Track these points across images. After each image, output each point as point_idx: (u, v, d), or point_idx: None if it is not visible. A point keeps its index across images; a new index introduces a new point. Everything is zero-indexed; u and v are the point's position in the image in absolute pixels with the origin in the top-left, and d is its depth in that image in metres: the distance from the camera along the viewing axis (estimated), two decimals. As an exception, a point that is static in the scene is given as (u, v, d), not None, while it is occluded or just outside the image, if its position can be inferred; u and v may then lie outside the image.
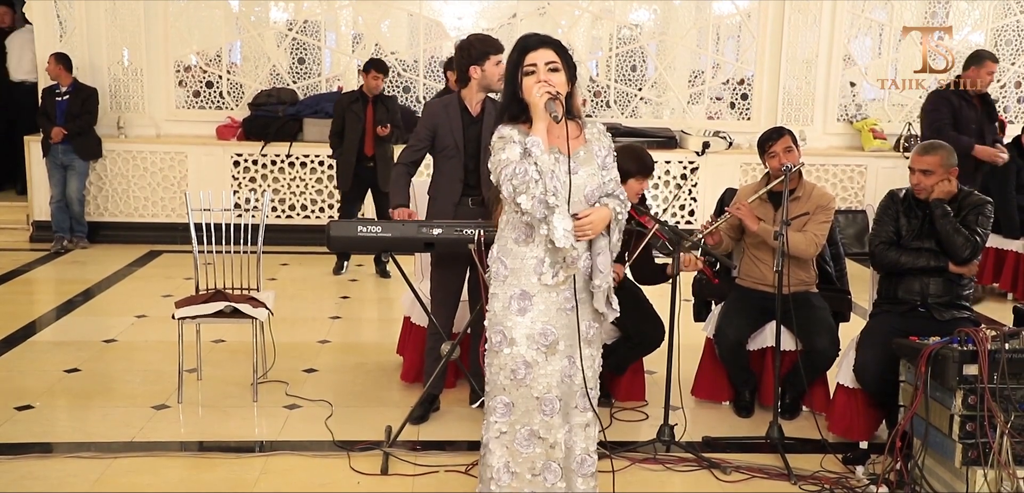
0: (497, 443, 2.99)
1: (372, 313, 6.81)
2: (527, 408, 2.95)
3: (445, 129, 4.36)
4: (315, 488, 3.79)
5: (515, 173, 2.80)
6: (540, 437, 2.97)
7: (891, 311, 4.23)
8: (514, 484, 3.00)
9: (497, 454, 2.99)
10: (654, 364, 4.91)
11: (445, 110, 4.40)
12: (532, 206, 2.79)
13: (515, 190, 2.81)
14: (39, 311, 6.43)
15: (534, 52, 2.90)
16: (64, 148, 8.21)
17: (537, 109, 2.83)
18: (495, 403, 2.98)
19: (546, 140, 2.84)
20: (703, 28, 9.56)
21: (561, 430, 2.99)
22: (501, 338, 2.95)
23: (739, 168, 9.00)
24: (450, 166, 4.38)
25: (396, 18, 9.41)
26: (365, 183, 7.46)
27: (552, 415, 2.96)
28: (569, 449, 3.02)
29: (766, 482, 3.92)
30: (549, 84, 2.85)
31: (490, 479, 3.01)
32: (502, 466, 2.99)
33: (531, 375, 2.93)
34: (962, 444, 3.45)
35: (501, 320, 2.95)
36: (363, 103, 7.31)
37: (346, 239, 4.17)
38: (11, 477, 3.79)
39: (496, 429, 2.98)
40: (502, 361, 2.95)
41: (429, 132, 4.40)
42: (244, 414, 4.57)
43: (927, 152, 4.17)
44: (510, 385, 2.94)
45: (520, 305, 2.93)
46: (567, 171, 2.86)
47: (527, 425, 2.95)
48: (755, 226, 4.52)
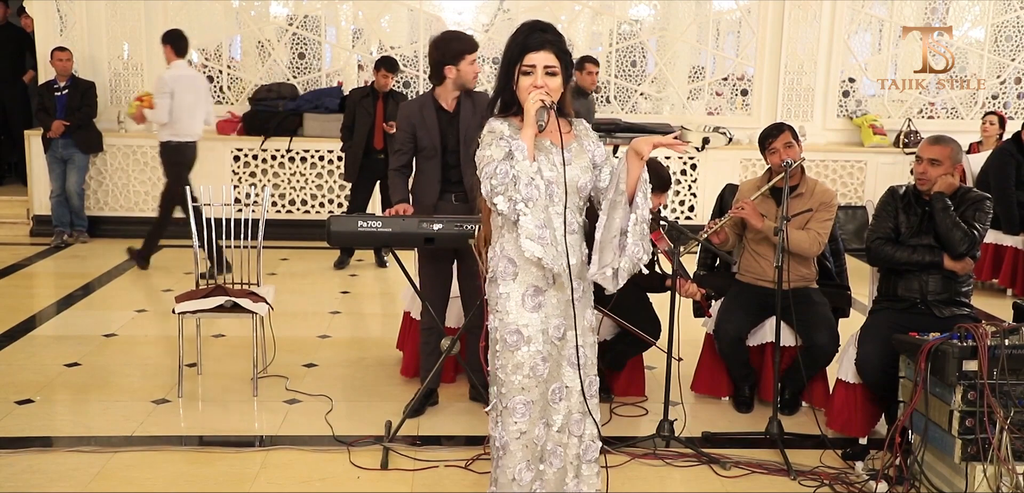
0: (517, 444, 2.96)
1: (372, 308, 6.82)
2: (545, 403, 2.96)
3: (422, 130, 4.38)
4: (315, 483, 3.80)
5: (495, 172, 2.81)
6: (548, 425, 2.99)
7: (891, 308, 4.23)
8: (531, 476, 3.00)
9: (517, 455, 2.97)
10: (654, 360, 4.92)
11: (420, 111, 4.41)
12: (508, 208, 2.80)
13: (492, 189, 2.82)
14: (39, 305, 6.43)
15: (535, 53, 2.87)
16: (64, 142, 8.22)
17: (528, 115, 2.83)
18: (514, 404, 2.94)
19: (532, 147, 2.83)
20: (703, 24, 9.56)
21: (571, 419, 3.03)
22: (518, 337, 2.92)
23: (739, 164, 9.01)
24: (430, 166, 4.41)
25: (396, 13, 9.41)
26: (375, 175, 7.58)
27: (560, 401, 3.00)
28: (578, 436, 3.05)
29: (765, 477, 3.92)
30: (544, 90, 2.84)
31: (511, 480, 2.98)
32: (525, 466, 2.98)
33: (548, 369, 2.94)
34: (961, 440, 3.45)
35: (516, 320, 2.92)
36: (373, 98, 7.52)
37: (347, 234, 4.18)
38: (11, 471, 3.79)
39: (516, 430, 2.95)
40: (519, 360, 2.92)
41: (409, 135, 4.43)
42: (244, 409, 4.57)
43: (937, 143, 4.18)
44: (530, 384, 2.92)
45: (534, 302, 2.93)
46: (561, 162, 2.86)
47: (542, 418, 2.97)
48: (760, 223, 4.52)
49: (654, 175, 4.26)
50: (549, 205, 2.87)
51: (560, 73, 2.89)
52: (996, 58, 9.54)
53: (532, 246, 2.78)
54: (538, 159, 2.87)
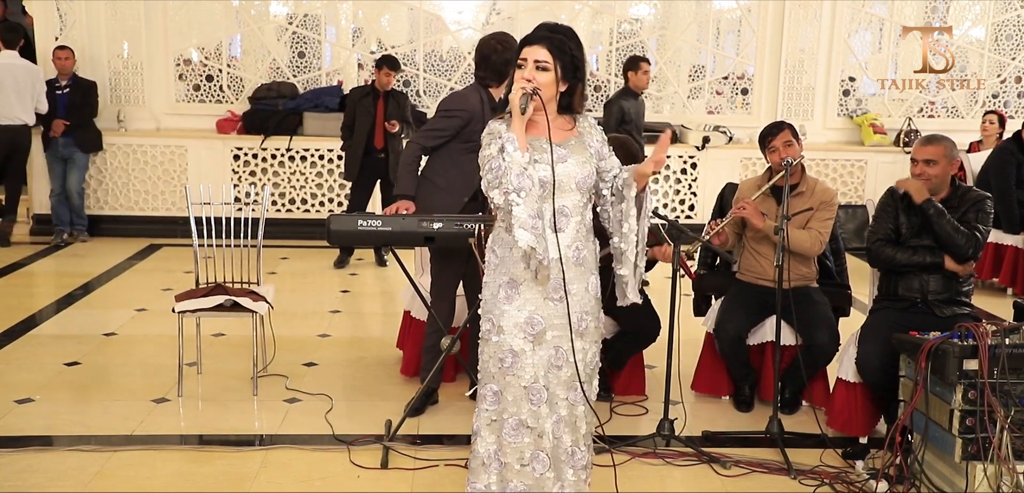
0: (487, 429, 3.00)
1: (372, 307, 6.82)
2: (515, 397, 2.95)
3: (479, 123, 4.21)
4: (315, 482, 3.79)
5: (491, 168, 2.86)
6: (528, 427, 2.96)
7: (891, 307, 4.23)
8: (499, 466, 3.00)
9: (487, 440, 3.00)
10: (654, 359, 4.91)
11: (481, 104, 4.30)
12: (502, 200, 2.83)
13: (488, 184, 2.87)
14: (39, 304, 6.43)
15: (529, 47, 2.93)
16: (64, 141, 8.22)
17: (512, 105, 2.86)
18: (485, 391, 3.00)
19: (522, 138, 2.84)
20: (703, 22, 9.55)
21: (548, 420, 2.97)
22: (490, 326, 2.97)
23: (739, 163, 9.01)
24: (469, 160, 4.15)
25: (396, 12, 9.41)
26: (375, 174, 7.59)
27: (539, 404, 2.95)
28: (557, 440, 3.01)
29: (766, 477, 3.92)
30: (530, 81, 2.87)
31: (480, 466, 3.02)
32: (491, 454, 2.99)
33: (518, 364, 2.93)
34: (962, 439, 3.45)
35: (491, 308, 2.97)
36: (374, 97, 7.52)
37: (347, 233, 4.17)
38: (11, 470, 3.79)
39: (486, 416, 3.00)
40: (491, 349, 2.97)
41: (461, 122, 4.30)
42: (244, 408, 4.57)
43: (930, 142, 4.16)
44: (498, 373, 2.96)
45: (508, 293, 2.94)
46: (551, 161, 2.86)
47: (515, 414, 2.95)
48: (761, 224, 4.51)
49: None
50: (544, 200, 2.87)
51: (553, 69, 2.91)
52: (996, 57, 9.54)
53: (525, 235, 2.78)
54: (535, 157, 2.87)
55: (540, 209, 2.83)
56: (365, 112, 7.46)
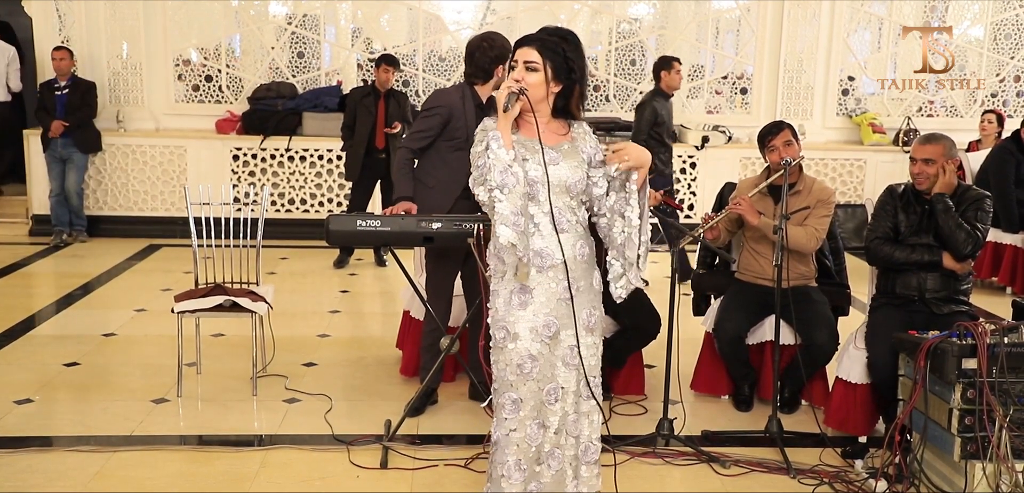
0: (508, 440, 2.97)
1: (372, 307, 6.82)
2: (536, 403, 2.95)
3: (460, 119, 4.28)
4: (314, 482, 3.79)
5: (477, 165, 2.88)
6: (544, 426, 2.98)
7: (889, 303, 4.23)
8: (522, 477, 2.99)
9: (508, 452, 2.97)
10: (653, 358, 4.92)
11: (462, 101, 4.32)
12: (486, 197, 2.85)
13: (474, 181, 2.89)
14: (38, 305, 6.43)
15: (521, 49, 2.95)
16: (63, 142, 8.22)
17: (498, 104, 2.87)
18: (504, 400, 2.97)
19: (507, 135, 2.84)
20: (702, 22, 9.55)
21: (567, 418, 3.00)
22: (505, 334, 2.95)
23: (738, 162, 9.01)
24: (457, 158, 4.26)
25: (396, 12, 9.41)
26: (376, 174, 7.59)
27: (557, 403, 2.98)
28: (576, 437, 3.04)
29: (765, 476, 3.92)
30: (518, 81, 2.88)
31: (500, 477, 3.00)
32: (513, 464, 2.98)
33: (537, 368, 2.93)
34: (961, 438, 3.45)
35: (503, 316, 2.95)
36: (375, 97, 7.52)
37: (346, 233, 4.16)
38: (10, 470, 3.79)
39: (507, 426, 2.97)
40: (508, 357, 2.95)
41: (442, 120, 4.31)
42: (243, 408, 4.57)
43: (929, 141, 4.16)
44: (517, 380, 2.94)
45: (520, 299, 2.93)
46: (542, 161, 2.87)
47: (536, 418, 2.96)
48: (756, 220, 4.52)
49: None
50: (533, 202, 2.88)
51: (542, 69, 2.91)
52: (995, 56, 9.54)
53: (506, 231, 2.77)
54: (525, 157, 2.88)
55: (524, 207, 2.84)
56: (366, 112, 7.46)
